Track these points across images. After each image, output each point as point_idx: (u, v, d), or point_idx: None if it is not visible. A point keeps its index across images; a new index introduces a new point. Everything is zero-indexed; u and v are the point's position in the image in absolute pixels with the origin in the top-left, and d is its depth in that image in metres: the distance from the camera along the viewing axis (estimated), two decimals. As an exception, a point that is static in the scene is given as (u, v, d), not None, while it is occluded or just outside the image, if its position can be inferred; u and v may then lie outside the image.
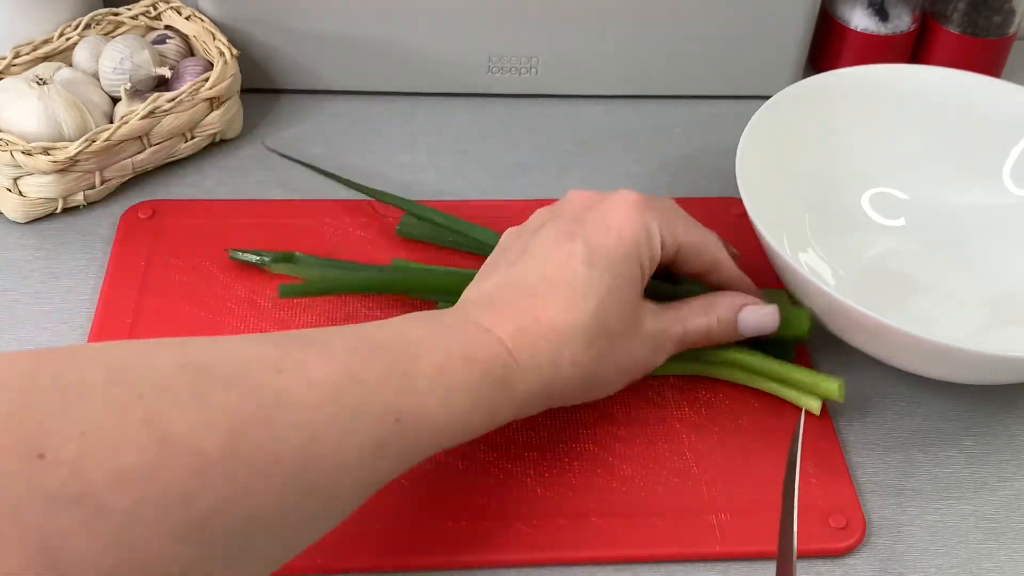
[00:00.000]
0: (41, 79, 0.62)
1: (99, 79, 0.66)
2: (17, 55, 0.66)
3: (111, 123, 0.63)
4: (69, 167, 0.61)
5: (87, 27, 0.69)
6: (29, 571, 0.32)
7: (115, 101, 0.66)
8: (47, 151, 0.60)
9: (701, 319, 0.52)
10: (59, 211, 0.63)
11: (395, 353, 0.43)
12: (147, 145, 0.64)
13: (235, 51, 0.66)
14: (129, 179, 0.65)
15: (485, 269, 0.52)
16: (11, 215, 0.62)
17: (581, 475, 0.51)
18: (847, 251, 0.62)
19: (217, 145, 0.68)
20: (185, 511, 0.35)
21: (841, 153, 0.64)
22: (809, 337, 0.54)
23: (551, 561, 0.48)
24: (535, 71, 0.73)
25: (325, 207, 0.64)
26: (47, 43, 0.67)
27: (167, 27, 0.70)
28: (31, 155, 0.59)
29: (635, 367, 0.50)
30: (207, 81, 0.64)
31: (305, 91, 0.73)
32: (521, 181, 0.68)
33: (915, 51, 0.76)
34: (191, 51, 0.70)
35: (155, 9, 0.70)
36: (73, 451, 0.33)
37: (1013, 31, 0.74)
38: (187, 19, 0.69)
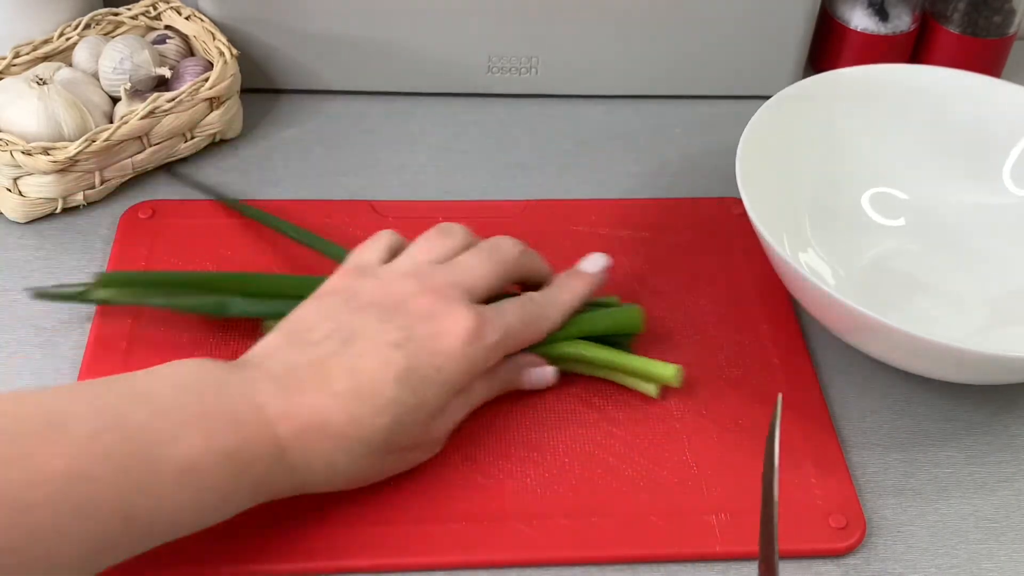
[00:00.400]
0: (41, 79, 0.62)
1: (99, 79, 0.66)
2: (17, 55, 0.66)
3: (111, 123, 0.63)
4: (69, 167, 0.61)
5: (87, 27, 0.69)
6: None
7: (115, 101, 0.66)
8: (47, 151, 0.60)
9: (482, 391, 0.51)
10: (59, 211, 0.63)
11: (141, 445, 0.40)
12: (147, 145, 0.64)
13: (235, 51, 0.66)
14: (129, 179, 0.65)
15: (294, 325, 0.48)
16: (11, 215, 0.62)
17: (581, 475, 0.51)
18: (847, 251, 0.62)
19: (217, 145, 0.68)
20: None
21: (841, 153, 0.64)
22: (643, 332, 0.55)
23: (551, 561, 0.48)
24: (535, 71, 0.73)
25: (325, 207, 0.64)
26: (47, 43, 0.67)
27: (167, 27, 0.70)
28: (31, 155, 0.59)
29: (408, 467, 0.49)
30: (207, 81, 0.64)
31: (305, 91, 0.73)
32: (521, 181, 0.68)
33: (915, 51, 0.76)
34: (191, 51, 0.70)
35: (155, 9, 0.70)
36: None
37: (1013, 31, 0.74)
38: (187, 19, 0.69)
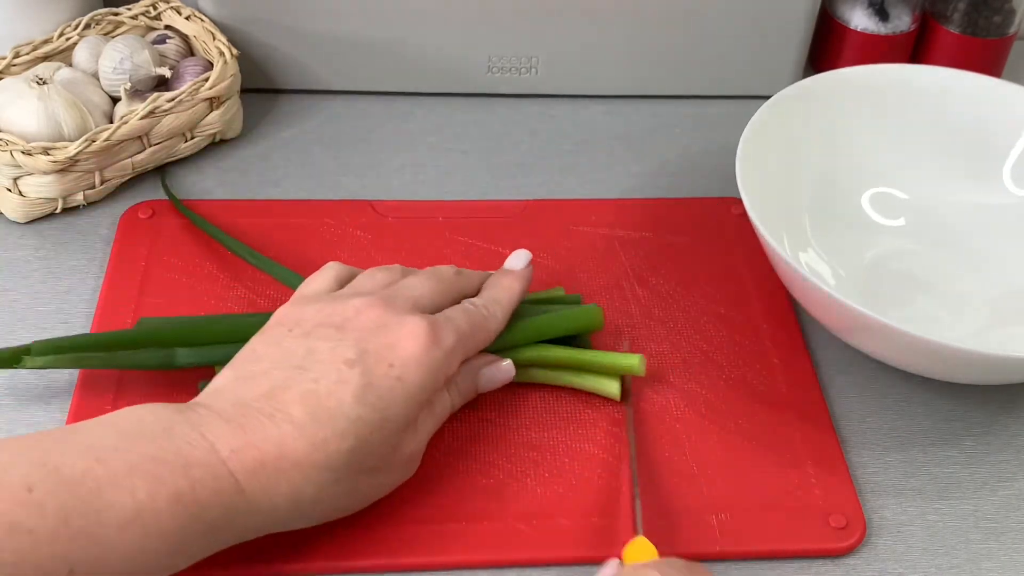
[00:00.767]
0: (41, 79, 0.62)
1: (99, 79, 0.66)
2: (17, 55, 0.66)
3: (111, 123, 0.63)
4: (69, 167, 0.61)
5: (87, 27, 0.69)
6: None
7: (115, 101, 0.66)
8: (47, 151, 0.60)
9: (447, 402, 0.49)
10: (59, 211, 0.63)
11: (82, 493, 0.39)
12: (147, 145, 0.64)
13: (235, 51, 0.66)
14: (129, 179, 0.65)
15: (241, 360, 0.46)
16: (11, 215, 0.62)
17: (581, 475, 0.51)
18: (847, 251, 0.62)
19: (217, 145, 0.68)
20: None
21: (841, 153, 0.64)
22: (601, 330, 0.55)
23: (551, 561, 0.48)
24: (535, 71, 0.73)
25: (325, 207, 0.64)
26: (47, 43, 0.67)
27: (167, 27, 0.70)
28: (31, 155, 0.59)
29: (384, 492, 0.47)
30: (207, 81, 0.64)
31: (305, 91, 0.73)
32: (521, 181, 0.68)
33: (915, 51, 0.76)
34: (191, 51, 0.70)
35: (155, 9, 0.70)
36: None
37: (1013, 31, 0.74)
38: (187, 19, 0.69)
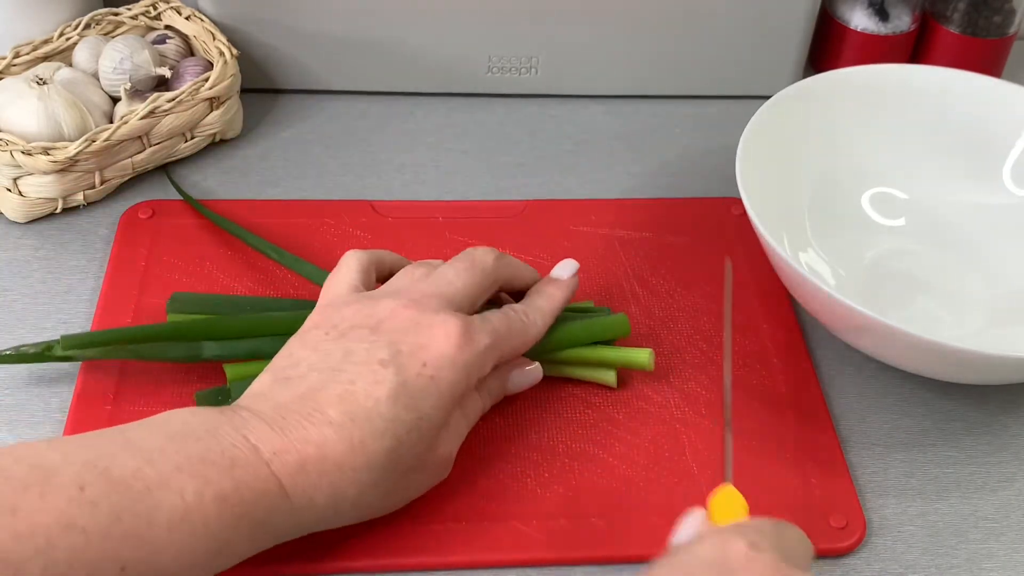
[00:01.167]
0: (41, 79, 0.62)
1: (99, 79, 0.66)
2: (17, 55, 0.66)
3: (111, 123, 0.63)
4: (69, 167, 0.61)
5: (87, 27, 0.69)
6: None
7: (115, 101, 0.66)
8: (47, 151, 0.60)
9: (478, 404, 0.50)
10: (59, 211, 0.63)
11: (132, 493, 0.39)
12: (147, 145, 0.64)
13: (235, 51, 0.66)
14: (129, 179, 0.65)
15: (279, 363, 0.47)
16: (11, 215, 0.62)
17: (581, 475, 0.51)
18: (847, 251, 0.62)
19: (217, 145, 0.68)
20: None
21: (841, 153, 0.64)
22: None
23: (551, 561, 0.48)
24: (535, 71, 0.73)
25: (325, 207, 0.64)
26: (47, 43, 0.67)
27: (167, 27, 0.70)
28: (31, 155, 0.59)
29: (419, 492, 0.48)
30: (207, 81, 0.64)
31: (305, 91, 0.73)
32: (521, 181, 0.68)
33: (915, 51, 0.76)
34: (191, 51, 0.70)
35: (155, 9, 0.70)
36: None
37: (1013, 31, 0.74)
38: (187, 19, 0.69)
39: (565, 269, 0.55)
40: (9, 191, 0.61)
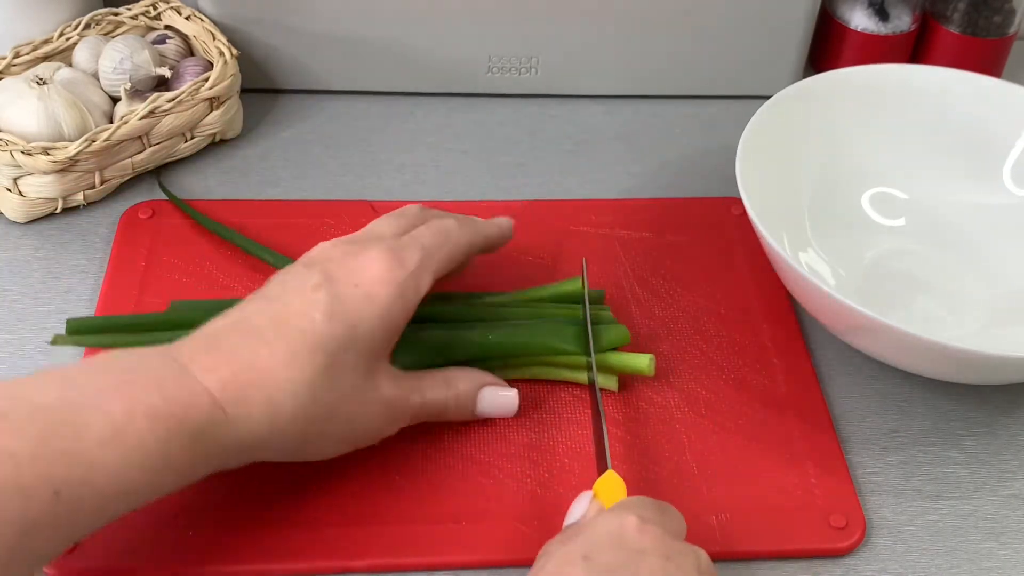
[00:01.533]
0: (41, 79, 0.62)
1: (99, 79, 0.66)
2: (17, 55, 0.66)
3: (111, 123, 0.63)
4: (69, 167, 0.61)
5: (87, 27, 0.69)
6: None
7: (115, 101, 0.66)
8: (47, 151, 0.60)
9: (440, 392, 0.50)
10: (59, 211, 0.63)
11: (58, 415, 0.39)
12: (147, 145, 0.64)
13: (235, 51, 0.66)
14: (129, 179, 0.65)
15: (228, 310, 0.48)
16: (11, 215, 0.62)
17: (581, 476, 0.51)
18: (847, 251, 0.62)
19: (217, 145, 0.68)
20: None
21: (841, 153, 0.64)
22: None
23: (551, 561, 0.48)
24: (535, 71, 0.73)
25: (325, 207, 0.64)
26: (47, 43, 0.67)
27: (167, 27, 0.70)
28: (31, 155, 0.59)
29: (364, 433, 0.48)
30: (207, 81, 0.64)
31: (305, 91, 0.73)
32: (521, 181, 0.68)
33: (915, 51, 0.76)
34: (191, 51, 0.70)
35: (155, 9, 0.70)
36: None
37: (1013, 31, 0.74)
38: (187, 19, 0.69)
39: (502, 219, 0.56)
40: (9, 191, 0.61)
